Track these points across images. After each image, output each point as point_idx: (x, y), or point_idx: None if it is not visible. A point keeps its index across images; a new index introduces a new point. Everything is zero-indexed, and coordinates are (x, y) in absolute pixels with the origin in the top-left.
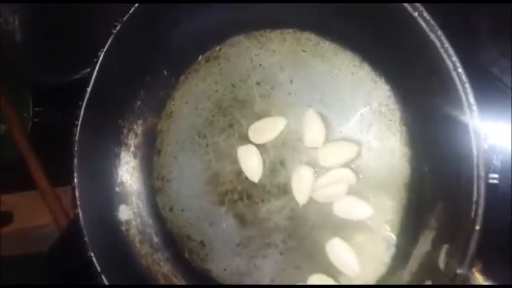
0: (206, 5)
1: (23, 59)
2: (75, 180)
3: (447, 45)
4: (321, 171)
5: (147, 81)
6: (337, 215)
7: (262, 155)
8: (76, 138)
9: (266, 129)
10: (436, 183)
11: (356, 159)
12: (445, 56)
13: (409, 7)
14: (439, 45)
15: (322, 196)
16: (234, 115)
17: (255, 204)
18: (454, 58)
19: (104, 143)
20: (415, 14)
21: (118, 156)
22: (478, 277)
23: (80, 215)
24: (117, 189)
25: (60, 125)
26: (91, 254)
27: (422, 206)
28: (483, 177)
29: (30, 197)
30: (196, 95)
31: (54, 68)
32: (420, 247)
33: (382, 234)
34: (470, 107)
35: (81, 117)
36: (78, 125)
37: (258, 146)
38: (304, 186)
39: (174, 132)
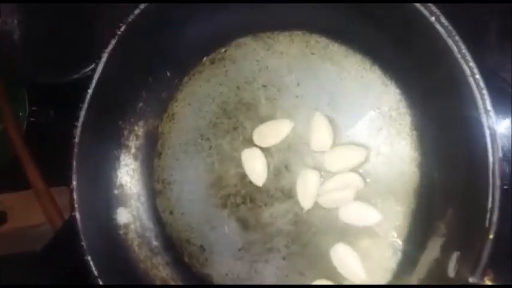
0: (212, 6)
1: (21, 58)
2: (74, 183)
3: (464, 51)
4: (327, 176)
5: (149, 82)
6: (343, 221)
7: (267, 158)
8: (76, 140)
9: (271, 133)
10: (447, 190)
11: (364, 163)
12: (462, 61)
13: (425, 11)
14: (456, 50)
15: (328, 201)
16: (238, 118)
17: (258, 208)
18: (472, 64)
19: (104, 145)
20: (432, 18)
21: (118, 158)
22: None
23: (77, 217)
24: (116, 192)
25: (56, 125)
26: (88, 257)
27: (431, 212)
28: (498, 185)
29: (25, 196)
30: (199, 96)
31: (52, 67)
32: (428, 254)
33: (389, 240)
34: (488, 113)
35: (81, 119)
36: (79, 126)
37: (262, 149)
38: (309, 190)
39: (176, 135)
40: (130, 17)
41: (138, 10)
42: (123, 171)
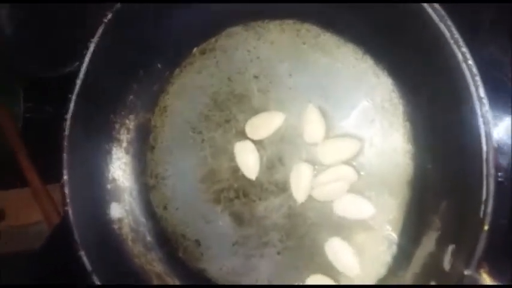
0: None
1: (13, 53)
2: (65, 177)
3: (457, 36)
4: (320, 169)
5: (140, 74)
6: (337, 214)
7: (260, 151)
8: (66, 132)
9: (264, 125)
10: (441, 181)
11: (357, 156)
12: (454, 46)
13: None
14: (448, 35)
15: (321, 194)
16: (230, 110)
17: (252, 203)
18: (464, 49)
19: (95, 139)
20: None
21: (110, 152)
22: (486, 278)
23: (69, 213)
24: (109, 187)
25: (52, 120)
26: (81, 253)
27: (425, 204)
28: (493, 175)
29: (22, 194)
30: (191, 89)
31: (45, 61)
32: (423, 247)
33: (384, 233)
34: (481, 101)
35: (70, 111)
36: (68, 119)
37: (255, 142)
38: (303, 183)
39: (168, 128)
40: (117, 5)
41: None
42: (116, 166)
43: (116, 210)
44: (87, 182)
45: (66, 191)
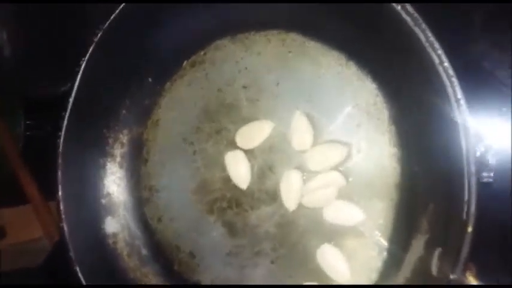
0: (189, 8)
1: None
2: (60, 193)
3: (432, 39)
4: (310, 176)
5: (131, 89)
6: (328, 221)
7: (250, 160)
8: (59, 150)
9: (253, 134)
10: (427, 184)
11: (345, 161)
12: (430, 49)
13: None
14: (423, 38)
15: (311, 201)
16: (221, 121)
17: (244, 212)
18: (440, 52)
19: (89, 154)
20: (398, 7)
21: (104, 167)
22: (472, 281)
23: (65, 228)
24: (103, 201)
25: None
26: (76, 268)
27: (413, 208)
28: (474, 174)
29: (23, 211)
30: (182, 101)
31: (44, 80)
32: (413, 252)
33: (374, 239)
34: (458, 102)
35: (64, 129)
36: (61, 136)
37: (246, 151)
38: (293, 191)
39: (161, 141)
40: (106, 24)
41: (112, 16)
42: (110, 180)
43: (111, 225)
44: (82, 197)
45: (61, 207)
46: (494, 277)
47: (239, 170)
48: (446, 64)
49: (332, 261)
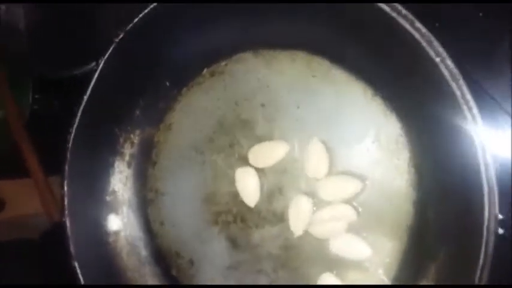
0: (216, 20)
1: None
2: (65, 188)
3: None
4: (320, 204)
5: (148, 90)
6: (333, 251)
7: (261, 179)
8: (69, 144)
9: (267, 154)
10: (441, 233)
11: (358, 195)
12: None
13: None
14: (459, 94)
15: (319, 231)
16: (235, 134)
17: (248, 229)
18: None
19: (98, 151)
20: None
21: (112, 165)
22: None
23: (67, 223)
24: (108, 199)
25: (57, 115)
26: (75, 263)
27: (423, 253)
28: (493, 232)
29: (24, 184)
30: (197, 109)
31: (55, 61)
32: None
33: (377, 277)
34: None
35: (76, 124)
36: (73, 131)
37: (257, 169)
38: (301, 217)
39: (172, 145)
40: (128, 27)
41: (136, 19)
42: (117, 178)
43: (113, 223)
44: (87, 193)
45: (66, 203)
46: None
47: (249, 187)
48: (475, 111)
49: None
